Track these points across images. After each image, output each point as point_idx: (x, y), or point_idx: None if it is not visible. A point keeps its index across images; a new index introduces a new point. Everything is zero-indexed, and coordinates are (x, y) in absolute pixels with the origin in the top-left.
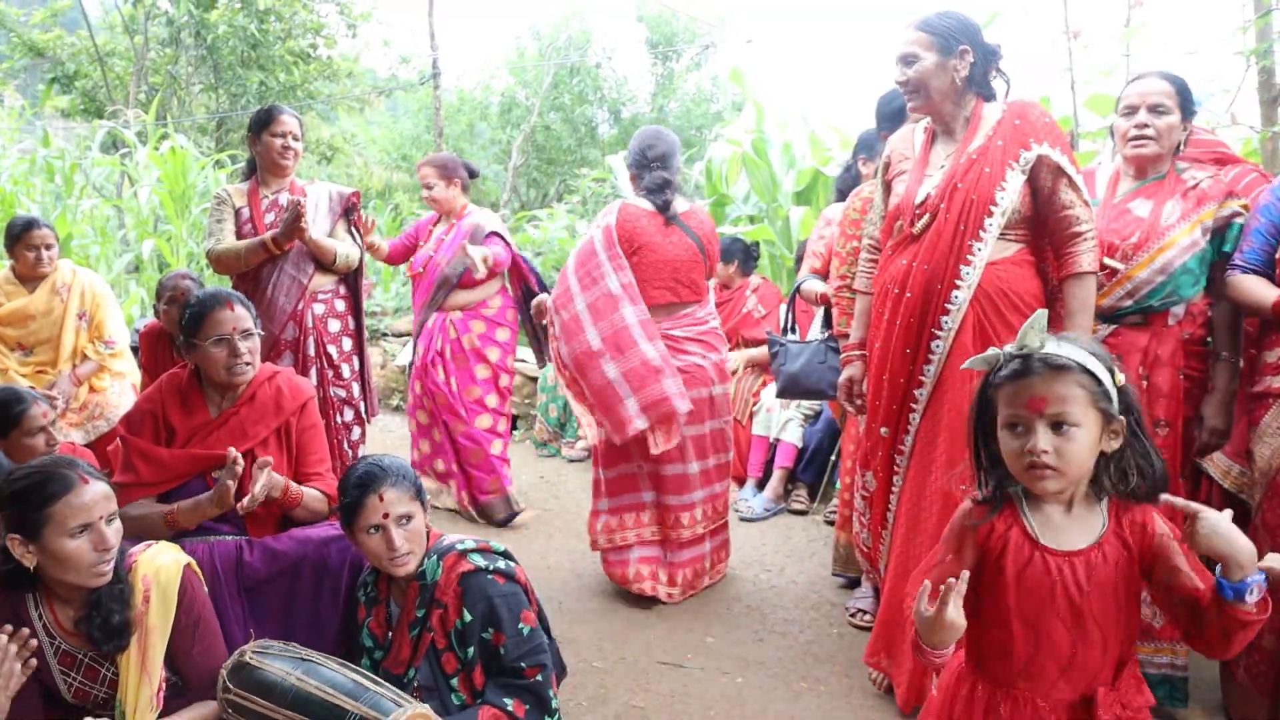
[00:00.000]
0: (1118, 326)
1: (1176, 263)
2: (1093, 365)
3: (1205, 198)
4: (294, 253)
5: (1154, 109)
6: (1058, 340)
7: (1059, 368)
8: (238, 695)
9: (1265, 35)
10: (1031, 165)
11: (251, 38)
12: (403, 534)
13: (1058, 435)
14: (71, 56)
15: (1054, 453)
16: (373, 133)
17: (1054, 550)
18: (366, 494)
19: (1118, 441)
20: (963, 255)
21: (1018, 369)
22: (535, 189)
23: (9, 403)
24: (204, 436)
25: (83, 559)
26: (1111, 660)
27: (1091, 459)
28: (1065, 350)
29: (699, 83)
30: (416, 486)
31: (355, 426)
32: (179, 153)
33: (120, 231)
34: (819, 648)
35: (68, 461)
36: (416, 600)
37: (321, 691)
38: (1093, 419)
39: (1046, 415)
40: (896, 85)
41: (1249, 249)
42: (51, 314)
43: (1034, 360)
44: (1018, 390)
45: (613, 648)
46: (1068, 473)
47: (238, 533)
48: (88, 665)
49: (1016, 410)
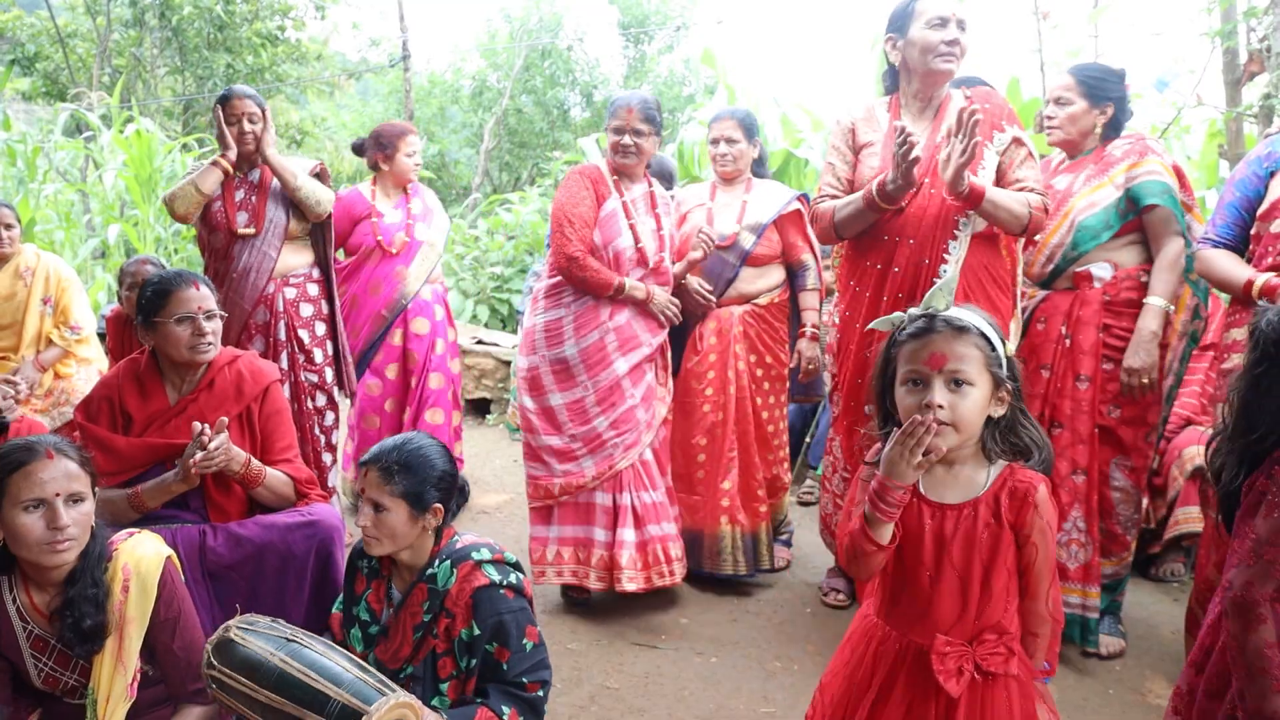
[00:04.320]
0: (1049, 292)
1: (1076, 221)
2: (989, 331)
3: (1113, 162)
4: (263, 234)
5: (1058, 101)
6: (959, 307)
7: (960, 328)
8: (221, 672)
9: (1230, 16)
10: (1005, 146)
11: (218, 19)
12: (371, 518)
13: (953, 392)
14: (32, 38)
15: (949, 408)
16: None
17: (929, 500)
18: (360, 465)
19: (1003, 408)
20: (949, 230)
21: (922, 327)
22: (508, 172)
23: None
24: (161, 424)
25: (31, 534)
26: (971, 619)
27: (981, 418)
28: (965, 315)
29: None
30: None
31: (329, 411)
32: (145, 136)
33: (85, 217)
34: (793, 627)
35: (52, 438)
36: (425, 604)
37: (305, 675)
38: (985, 381)
39: (945, 372)
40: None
41: (1221, 223)
42: (15, 299)
43: (938, 320)
44: (920, 347)
45: (587, 630)
46: (960, 428)
47: (201, 520)
48: (60, 652)
49: (917, 366)
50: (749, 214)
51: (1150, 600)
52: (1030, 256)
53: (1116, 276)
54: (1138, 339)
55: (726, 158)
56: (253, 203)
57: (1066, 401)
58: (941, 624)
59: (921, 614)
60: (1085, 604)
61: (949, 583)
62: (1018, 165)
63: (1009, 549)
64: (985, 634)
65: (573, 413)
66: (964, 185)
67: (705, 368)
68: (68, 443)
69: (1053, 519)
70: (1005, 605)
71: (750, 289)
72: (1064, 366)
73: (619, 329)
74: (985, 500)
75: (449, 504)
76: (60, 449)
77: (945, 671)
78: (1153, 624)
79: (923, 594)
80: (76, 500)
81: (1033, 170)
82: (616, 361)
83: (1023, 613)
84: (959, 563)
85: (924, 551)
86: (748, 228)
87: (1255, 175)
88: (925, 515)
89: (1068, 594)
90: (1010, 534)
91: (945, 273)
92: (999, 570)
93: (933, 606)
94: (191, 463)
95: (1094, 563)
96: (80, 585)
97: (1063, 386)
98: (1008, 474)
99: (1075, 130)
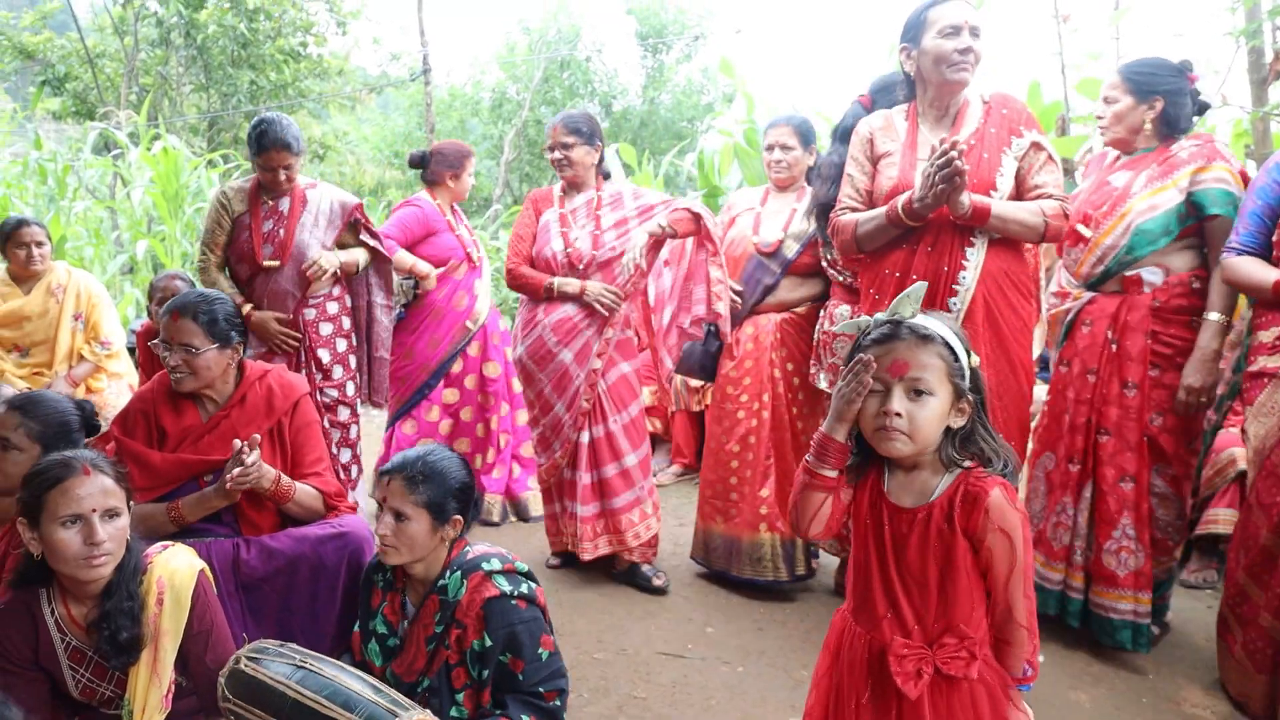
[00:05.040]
0: (1095, 294)
1: (1135, 224)
2: (954, 341)
3: (1178, 165)
4: (288, 267)
5: (1106, 100)
6: (926, 314)
7: (924, 337)
8: (235, 704)
9: (1254, 15)
10: (1024, 151)
11: (241, 37)
12: (392, 527)
13: (912, 401)
14: (62, 59)
15: (906, 417)
16: (364, 130)
17: (890, 502)
18: (381, 475)
19: (964, 419)
20: (967, 237)
21: (886, 333)
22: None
23: None
24: (194, 440)
25: (68, 549)
26: (931, 622)
27: (939, 428)
28: (931, 324)
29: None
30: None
31: (352, 425)
32: (171, 153)
33: (114, 233)
34: (819, 636)
35: (89, 454)
36: (436, 615)
37: (317, 702)
38: (946, 391)
39: (906, 380)
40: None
41: (1245, 231)
42: (47, 315)
43: (903, 327)
44: (883, 353)
45: (613, 639)
46: (916, 437)
47: (233, 533)
48: (97, 663)
49: (879, 372)
50: (796, 222)
51: (1183, 606)
52: (1079, 255)
53: (1168, 282)
54: (1199, 357)
55: (781, 164)
56: (280, 236)
57: (1113, 408)
58: (901, 626)
59: (883, 615)
60: (1137, 610)
61: (906, 585)
62: (1037, 170)
63: (965, 554)
64: (946, 637)
65: (540, 403)
66: (964, 209)
67: (741, 374)
68: (104, 459)
69: (1011, 524)
70: (969, 610)
71: (790, 297)
72: (1109, 372)
73: (555, 324)
74: (939, 504)
75: (467, 516)
76: (97, 465)
77: (903, 674)
78: (1185, 631)
79: (883, 595)
80: (112, 515)
81: (1053, 175)
82: (561, 353)
83: (993, 619)
84: (914, 566)
85: (885, 552)
86: (793, 236)
87: (1275, 183)
88: (885, 516)
89: (1119, 600)
90: (965, 539)
91: (965, 280)
92: (957, 575)
93: (892, 608)
94: (229, 479)
95: (1145, 569)
96: (116, 598)
97: (1108, 393)
98: (963, 479)
99: (1123, 128)
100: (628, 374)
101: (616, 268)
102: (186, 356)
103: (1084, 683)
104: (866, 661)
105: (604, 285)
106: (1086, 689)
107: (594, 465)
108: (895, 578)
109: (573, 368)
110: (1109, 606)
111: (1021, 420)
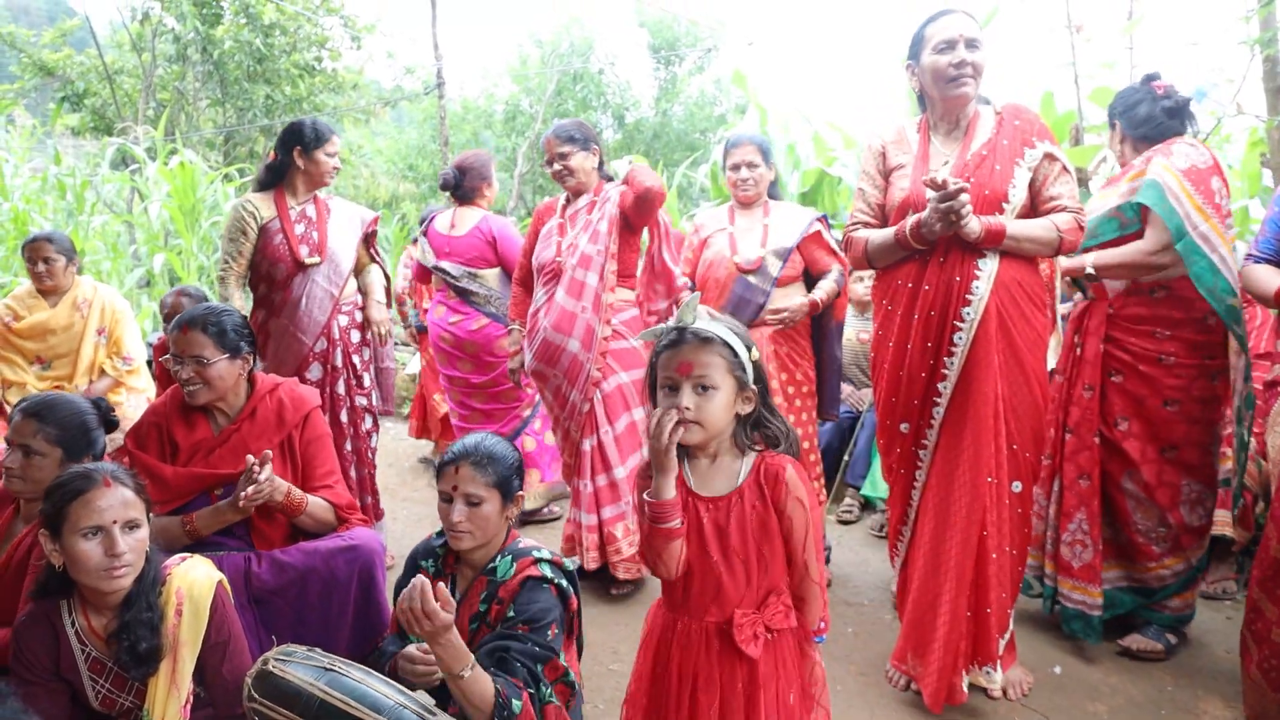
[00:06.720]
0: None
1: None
2: (732, 341)
3: (1130, 169)
4: (325, 265)
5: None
6: (709, 319)
7: (705, 340)
8: (261, 704)
9: (1269, 24)
10: (1038, 162)
11: (257, 52)
12: (466, 513)
13: (699, 395)
14: (81, 75)
15: (694, 409)
16: (379, 143)
17: (701, 495)
18: (445, 467)
19: (750, 406)
20: (979, 248)
21: (673, 339)
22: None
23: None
24: (205, 454)
25: (89, 560)
26: (755, 590)
27: (727, 416)
28: (712, 327)
29: (702, 86)
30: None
31: (374, 433)
32: (188, 168)
33: (131, 247)
34: (834, 647)
35: (109, 466)
36: (483, 594)
37: (345, 704)
38: (729, 384)
39: (692, 378)
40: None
41: (1264, 239)
42: (71, 329)
43: (687, 333)
44: (672, 356)
45: (628, 650)
46: (706, 426)
47: (245, 547)
48: (116, 674)
49: (670, 373)
50: (772, 238)
51: (1202, 617)
52: None
53: (1125, 291)
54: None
55: (748, 182)
56: (314, 238)
57: (1075, 409)
58: (732, 600)
59: (714, 596)
60: (1087, 601)
61: (730, 565)
62: (1052, 181)
63: (775, 523)
64: (769, 598)
65: (557, 399)
66: (976, 233)
67: None
68: (124, 471)
69: (804, 494)
70: (781, 571)
71: (778, 309)
72: (1075, 374)
73: (556, 324)
74: (748, 485)
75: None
76: (117, 477)
77: (745, 639)
78: (1204, 643)
79: (714, 579)
80: (133, 527)
81: (1067, 186)
82: (567, 344)
83: (793, 579)
84: (738, 545)
85: (708, 542)
86: (773, 252)
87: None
88: (701, 510)
89: (1073, 590)
90: (773, 511)
91: (978, 291)
92: (773, 543)
93: (723, 587)
94: (242, 496)
95: (1095, 564)
96: (136, 609)
97: (1073, 394)
98: (760, 461)
99: (1116, 153)
100: (625, 385)
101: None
102: (198, 368)
103: (1102, 694)
104: (702, 644)
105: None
106: (1105, 700)
107: (592, 474)
108: (724, 560)
109: (580, 353)
110: (1065, 595)
111: (1036, 431)
